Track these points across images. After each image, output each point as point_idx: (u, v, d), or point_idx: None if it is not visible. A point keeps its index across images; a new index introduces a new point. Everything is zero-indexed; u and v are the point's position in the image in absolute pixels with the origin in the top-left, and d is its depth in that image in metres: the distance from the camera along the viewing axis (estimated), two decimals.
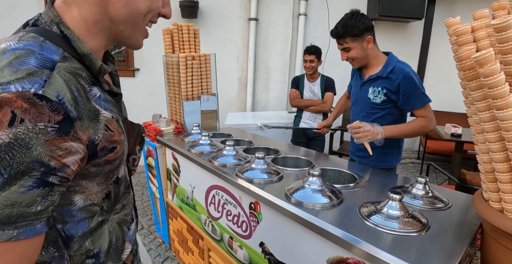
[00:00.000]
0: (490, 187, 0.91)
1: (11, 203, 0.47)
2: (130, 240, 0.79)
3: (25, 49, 0.53)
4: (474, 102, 0.86)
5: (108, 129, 0.61)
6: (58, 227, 0.61)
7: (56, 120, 0.50)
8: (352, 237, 0.92)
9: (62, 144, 0.51)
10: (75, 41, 0.60)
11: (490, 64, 0.76)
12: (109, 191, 0.70)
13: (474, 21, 0.93)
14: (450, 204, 1.17)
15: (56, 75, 0.52)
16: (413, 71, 1.72)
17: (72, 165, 0.53)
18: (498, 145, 0.84)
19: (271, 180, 1.35)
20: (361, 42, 1.73)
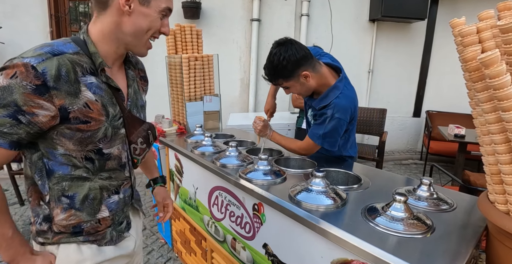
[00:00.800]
0: (496, 188, 0.91)
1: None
2: (109, 207, 1.00)
3: (51, 43, 0.84)
4: (480, 103, 0.86)
5: (87, 106, 0.86)
6: (45, 160, 0.89)
7: (35, 83, 0.77)
8: (357, 239, 0.91)
9: (35, 99, 0.78)
10: (89, 44, 0.90)
11: (496, 66, 0.75)
12: (91, 157, 0.93)
13: (479, 22, 0.93)
14: (455, 205, 1.16)
15: (54, 59, 0.81)
16: (344, 119, 1.56)
17: (41, 116, 0.80)
18: (504, 146, 0.83)
19: (274, 181, 1.34)
20: (296, 79, 1.53)
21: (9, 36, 4.13)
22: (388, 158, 5.16)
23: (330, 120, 1.54)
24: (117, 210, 1.03)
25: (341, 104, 1.54)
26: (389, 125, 5.17)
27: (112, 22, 0.89)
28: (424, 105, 5.37)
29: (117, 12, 0.88)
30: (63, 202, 0.92)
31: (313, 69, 1.54)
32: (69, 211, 0.93)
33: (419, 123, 5.42)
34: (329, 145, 1.60)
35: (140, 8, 0.89)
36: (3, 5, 4.14)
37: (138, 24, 0.91)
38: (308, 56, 1.50)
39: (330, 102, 1.55)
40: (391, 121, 5.24)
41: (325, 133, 1.56)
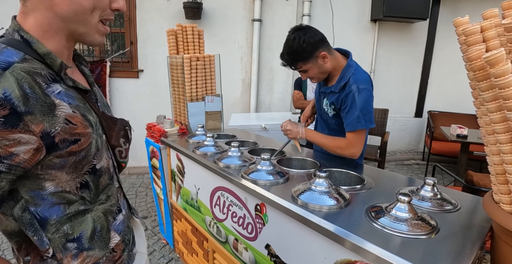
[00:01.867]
0: (501, 189, 0.90)
1: None
2: (117, 230, 0.84)
3: None
4: (485, 103, 0.85)
5: (69, 122, 0.67)
6: (31, 209, 0.69)
7: (2, 115, 0.56)
8: (360, 239, 0.91)
9: (8, 135, 0.58)
10: (35, 43, 0.67)
11: (501, 65, 0.74)
12: (86, 181, 0.76)
13: (483, 21, 0.92)
14: (459, 206, 1.16)
15: (7, 75, 0.59)
16: (369, 89, 1.58)
17: (22, 154, 0.60)
18: (510, 146, 0.82)
19: (277, 181, 1.34)
20: (315, 61, 1.59)
21: None
22: (390, 158, 5.15)
23: (358, 94, 1.55)
24: (124, 230, 0.89)
25: (360, 76, 1.60)
26: (391, 126, 5.16)
27: (45, 8, 0.67)
28: (426, 105, 5.35)
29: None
30: (70, 248, 0.75)
31: (329, 51, 1.61)
32: (81, 255, 0.77)
33: (421, 123, 5.41)
34: (370, 121, 1.56)
35: None
36: (4, 6, 4.15)
37: (76, 3, 0.68)
38: (324, 39, 1.61)
39: (349, 78, 1.60)
40: (393, 121, 5.23)
41: (361, 109, 1.54)
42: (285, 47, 1.60)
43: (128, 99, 4.27)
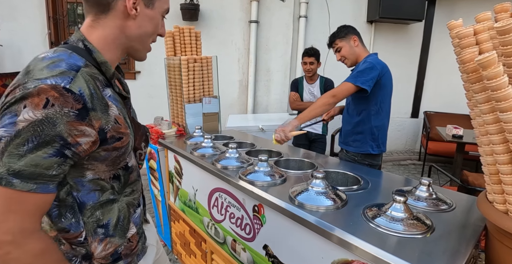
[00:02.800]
0: (494, 188, 0.91)
1: (35, 164, 0.65)
2: (135, 222, 0.94)
3: (58, 57, 0.73)
4: (478, 104, 0.87)
5: (117, 122, 0.79)
6: (74, 194, 0.79)
7: (77, 108, 0.68)
8: (357, 239, 0.92)
9: (78, 126, 0.69)
10: (95, 53, 0.80)
11: (493, 67, 0.76)
12: (118, 174, 0.87)
13: (476, 24, 0.94)
14: (454, 205, 1.17)
15: (79, 76, 0.71)
16: (374, 63, 1.95)
17: (83, 144, 0.71)
18: (502, 146, 0.84)
19: (274, 182, 1.35)
20: (348, 41, 2.10)
21: (7, 38, 4.13)
22: (387, 159, 5.18)
23: (362, 64, 1.99)
24: (140, 223, 0.98)
25: (372, 57, 2.04)
26: None
27: (116, 26, 0.82)
28: (422, 106, 5.39)
29: (122, 16, 0.82)
30: (99, 233, 0.84)
31: (360, 40, 2.13)
32: (105, 240, 0.86)
33: (417, 124, 5.44)
34: (362, 82, 1.89)
35: (145, 11, 0.84)
36: (1, 7, 4.14)
37: (144, 28, 0.86)
38: (357, 32, 2.15)
39: (365, 59, 2.06)
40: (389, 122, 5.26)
41: (358, 71, 1.94)
42: (332, 34, 2.18)
43: None
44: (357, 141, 2.12)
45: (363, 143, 2.10)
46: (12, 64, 4.19)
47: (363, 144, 2.10)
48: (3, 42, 4.11)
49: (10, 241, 0.65)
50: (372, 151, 2.09)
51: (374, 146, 2.09)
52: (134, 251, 0.94)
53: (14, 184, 0.64)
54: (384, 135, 2.13)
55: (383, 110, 2.08)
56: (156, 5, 0.86)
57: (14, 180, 0.64)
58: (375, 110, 2.06)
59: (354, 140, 2.14)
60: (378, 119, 2.07)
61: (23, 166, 0.64)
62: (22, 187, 0.64)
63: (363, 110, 2.07)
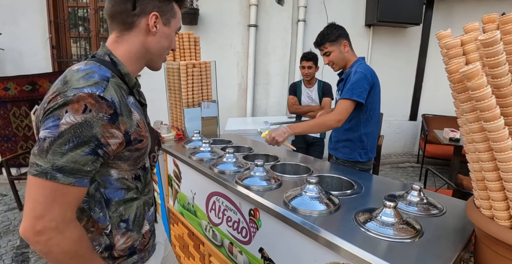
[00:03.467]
0: (481, 194, 0.94)
1: (75, 161, 0.75)
2: (148, 220, 1.03)
3: (91, 69, 0.84)
4: (464, 113, 0.90)
5: (138, 126, 0.90)
6: (102, 190, 0.88)
7: (109, 113, 0.78)
8: (348, 243, 0.95)
9: (110, 129, 0.79)
10: (120, 65, 0.93)
11: (477, 78, 0.79)
12: (139, 175, 0.96)
13: (464, 34, 0.97)
14: (445, 210, 1.20)
15: (110, 85, 0.82)
16: (364, 73, 1.92)
17: (112, 145, 0.81)
18: (487, 154, 0.87)
19: (270, 187, 1.38)
20: (338, 46, 2.04)
21: (8, 42, 4.17)
22: (385, 161, 5.21)
23: (354, 74, 1.94)
24: (152, 221, 1.07)
25: (362, 66, 1.99)
26: (386, 129, 5.22)
27: (139, 42, 0.95)
28: (420, 109, 5.42)
29: (144, 33, 0.94)
30: (121, 227, 0.94)
31: (350, 45, 2.09)
32: (126, 234, 0.95)
33: (416, 126, 5.47)
34: (358, 95, 1.88)
35: (163, 29, 0.97)
36: (3, 11, 4.18)
37: (161, 43, 0.98)
38: (348, 35, 2.09)
39: (354, 66, 2.02)
40: (388, 124, 5.29)
41: (352, 83, 1.90)
42: (321, 32, 2.07)
43: None
44: (346, 147, 2.11)
45: (352, 150, 2.09)
46: (13, 68, 4.23)
47: (352, 151, 2.09)
48: (5, 46, 4.15)
49: (54, 228, 0.74)
50: (360, 159, 2.08)
51: (362, 153, 2.08)
52: (146, 247, 1.03)
53: (57, 178, 0.73)
54: (373, 141, 2.12)
55: (372, 118, 2.05)
56: (172, 24, 1.00)
57: (57, 174, 0.73)
58: (364, 118, 2.03)
59: (343, 146, 2.13)
60: (367, 127, 2.05)
61: (64, 162, 0.74)
62: (64, 180, 0.74)
63: (352, 118, 2.04)
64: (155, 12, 0.94)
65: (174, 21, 1.01)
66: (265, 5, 4.39)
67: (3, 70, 4.22)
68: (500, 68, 0.81)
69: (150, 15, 0.93)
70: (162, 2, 0.96)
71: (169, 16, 0.99)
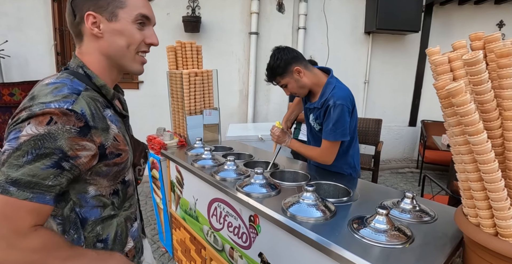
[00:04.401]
0: (468, 203, 1.00)
1: (33, 174, 0.68)
2: (132, 236, 0.98)
3: (61, 82, 0.79)
4: (450, 126, 0.96)
5: (116, 140, 0.85)
6: (77, 210, 0.82)
7: (79, 126, 0.74)
8: (342, 249, 1.01)
9: (80, 141, 0.74)
10: (94, 77, 0.86)
11: (461, 95, 0.85)
12: (117, 189, 0.91)
13: (452, 51, 1.03)
14: (436, 217, 1.25)
15: (81, 98, 0.77)
16: (344, 104, 1.68)
17: (83, 157, 0.76)
18: (472, 165, 0.92)
19: (269, 194, 1.44)
20: (290, 75, 1.75)
21: (14, 49, 4.25)
22: (385, 167, 5.25)
23: (334, 109, 1.69)
24: (137, 237, 1.01)
25: (339, 93, 1.72)
26: (385, 135, 5.27)
27: (95, 50, 0.86)
28: (419, 115, 5.47)
29: (92, 38, 0.85)
30: (98, 247, 0.87)
31: (305, 67, 1.77)
32: None
33: (415, 132, 5.52)
34: (342, 135, 1.69)
35: (109, 26, 0.83)
36: (9, 19, 4.27)
37: (116, 43, 0.85)
38: (298, 57, 1.77)
39: (329, 94, 1.73)
40: (387, 130, 5.34)
41: (334, 122, 1.68)
42: (267, 65, 1.80)
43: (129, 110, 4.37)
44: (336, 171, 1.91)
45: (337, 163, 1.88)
46: (19, 74, 4.31)
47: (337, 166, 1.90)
48: (10, 52, 4.24)
49: (4, 246, 0.66)
50: (347, 171, 1.92)
51: (353, 173, 1.93)
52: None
53: (10, 192, 0.66)
54: (358, 157, 1.98)
55: (354, 139, 1.90)
56: (120, 16, 0.84)
57: (11, 188, 0.66)
58: (348, 142, 1.87)
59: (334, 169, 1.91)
60: (352, 148, 1.91)
61: (20, 175, 0.67)
62: (19, 195, 0.67)
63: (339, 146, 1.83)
64: (90, 12, 0.81)
65: (123, 11, 0.84)
66: (265, 13, 4.47)
67: (9, 76, 4.30)
68: (483, 85, 0.87)
69: (85, 17, 0.82)
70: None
71: (112, 8, 0.83)
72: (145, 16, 0.88)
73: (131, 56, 0.89)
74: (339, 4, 4.77)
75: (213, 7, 4.35)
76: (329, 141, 1.73)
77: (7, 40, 4.15)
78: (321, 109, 1.77)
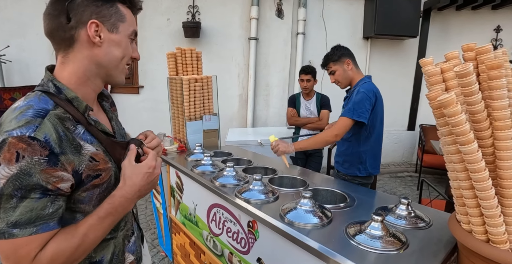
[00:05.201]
0: (460, 210, 1.02)
1: (30, 209, 0.68)
2: (130, 251, 0.96)
3: (27, 105, 0.74)
4: (443, 136, 0.99)
5: (93, 160, 0.80)
6: None
7: (45, 154, 0.69)
8: (338, 255, 1.03)
9: (54, 173, 0.70)
10: (65, 90, 0.81)
11: (452, 106, 0.88)
12: None
13: (445, 62, 1.06)
14: (431, 223, 1.28)
15: (46, 121, 0.72)
16: (366, 93, 2.03)
17: (65, 189, 0.73)
18: (464, 174, 0.95)
19: (267, 200, 1.46)
20: (341, 64, 2.18)
21: (16, 55, 4.29)
22: (384, 171, 5.27)
23: (356, 94, 2.06)
24: (137, 248, 1.01)
25: (365, 86, 2.10)
26: (384, 139, 5.24)
27: (85, 58, 0.82)
28: (418, 119, 5.51)
29: (87, 45, 0.81)
30: None
31: (354, 64, 2.21)
32: None
33: (414, 136, 5.56)
34: (358, 115, 2.00)
35: (110, 36, 0.83)
36: (11, 24, 4.31)
37: (112, 54, 0.85)
38: (351, 54, 2.22)
39: (358, 86, 2.12)
40: (386, 134, 5.36)
41: (354, 103, 2.02)
42: (325, 55, 2.26)
43: (129, 115, 4.41)
44: (346, 162, 2.23)
45: (351, 165, 2.21)
46: (20, 79, 4.35)
47: (351, 166, 2.21)
48: (12, 57, 4.27)
49: None
50: (359, 173, 2.19)
51: (361, 169, 2.18)
52: None
53: (15, 234, 0.67)
54: (373, 158, 2.20)
55: (372, 136, 2.15)
56: (120, 29, 0.85)
57: (14, 230, 0.67)
58: (364, 135, 2.14)
59: (343, 161, 2.26)
60: (366, 144, 2.16)
61: (18, 215, 0.67)
62: (23, 233, 0.68)
63: (353, 135, 2.17)
64: (94, 20, 0.80)
65: (123, 25, 0.85)
66: (265, 19, 4.52)
67: (10, 81, 4.33)
68: (474, 96, 0.90)
69: (88, 24, 0.79)
70: (100, 7, 0.81)
71: (114, 20, 0.83)
72: (136, 33, 0.92)
73: (121, 67, 0.89)
74: (337, 9, 4.82)
75: (213, 13, 4.40)
76: (345, 117, 2.01)
77: (8, 45, 4.19)
78: (349, 98, 2.15)
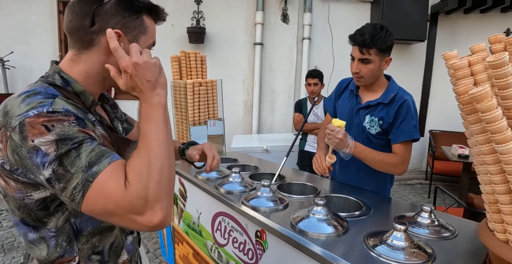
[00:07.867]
0: (494, 217, 0.92)
1: (91, 150, 0.67)
2: (127, 249, 0.95)
3: (34, 90, 0.72)
4: (474, 135, 0.88)
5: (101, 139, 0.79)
6: (72, 220, 0.78)
7: (72, 119, 0.68)
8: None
9: (88, 131, 0.70)
10: (73, 83, 0.80)
11: (487, 100, 0.78)
12: None
13: (471, 55, 0.97)
14: (457, 232, 1.17)
15: (57, 100, 0.70)
16: (413, 100, 1.62)
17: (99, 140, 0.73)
18: (500, 177, 0.85)
19: (276, 208, 1.36)
20: (382, 58, 1.57)
21: (20, 60, 4.28)
22: None
23: (413, 105, 1.60)
24: (133, 250, 0.98)
25: (404, 93, 1.64)
26: None
27: (99, 62, 0.81)
28: (427, 124, 5.38)
29: (105, 53, 0.80)
30: (93, 260, 0.84)
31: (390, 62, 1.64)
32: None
33: (423, 143, 5.42)
34: (417, 132, 1.58)
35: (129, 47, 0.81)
36: (15, 30, 4.31)
37: None
38: None
39: (398, 90, 1.63)
40: None
41: (415, 119, 1.58)
42: (368, 29, 1.57)
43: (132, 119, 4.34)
44: (373, 180, 1.74)
45: (378, 183, 1.76)
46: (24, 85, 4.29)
47: (381, 191, 1.76)
48: (16, 64, 4.26)
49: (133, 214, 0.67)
50: (389, 194, 1.81)
51: (389, 188, 1.80)
52: None
53: (95, 172, 0.65)
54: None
55: None
56: (141, 41, 0.84)
57: (92, 169, 0.65)
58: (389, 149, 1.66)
59: (368, 177, 1.73)
60: None
61: (86, 157, 0.66)
62: (102, 166, 0.66)
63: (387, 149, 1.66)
64: (118, 30, 0.79)
65: (144, 37, 0.85)
66: (270, 24, 4.47)
67: (14, 87, 4.31)
68: (509, 89, 0.80)
69: None
70: (127, 18, 0.80)
71: (137, 32, 0.83)
72: (154, 43, 0.91)
73: None
74: (343, 14, 4.76)
75: (217, 18, 4.36)
76: (408, 142, 1.57)
77: (12, 51, 4.17)
78: (390, 106, 1.60)
